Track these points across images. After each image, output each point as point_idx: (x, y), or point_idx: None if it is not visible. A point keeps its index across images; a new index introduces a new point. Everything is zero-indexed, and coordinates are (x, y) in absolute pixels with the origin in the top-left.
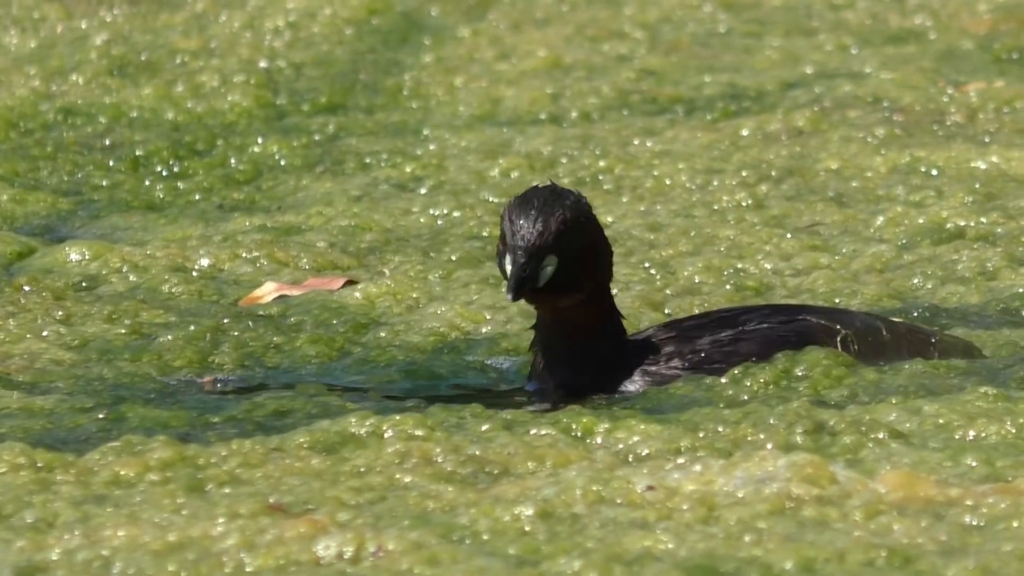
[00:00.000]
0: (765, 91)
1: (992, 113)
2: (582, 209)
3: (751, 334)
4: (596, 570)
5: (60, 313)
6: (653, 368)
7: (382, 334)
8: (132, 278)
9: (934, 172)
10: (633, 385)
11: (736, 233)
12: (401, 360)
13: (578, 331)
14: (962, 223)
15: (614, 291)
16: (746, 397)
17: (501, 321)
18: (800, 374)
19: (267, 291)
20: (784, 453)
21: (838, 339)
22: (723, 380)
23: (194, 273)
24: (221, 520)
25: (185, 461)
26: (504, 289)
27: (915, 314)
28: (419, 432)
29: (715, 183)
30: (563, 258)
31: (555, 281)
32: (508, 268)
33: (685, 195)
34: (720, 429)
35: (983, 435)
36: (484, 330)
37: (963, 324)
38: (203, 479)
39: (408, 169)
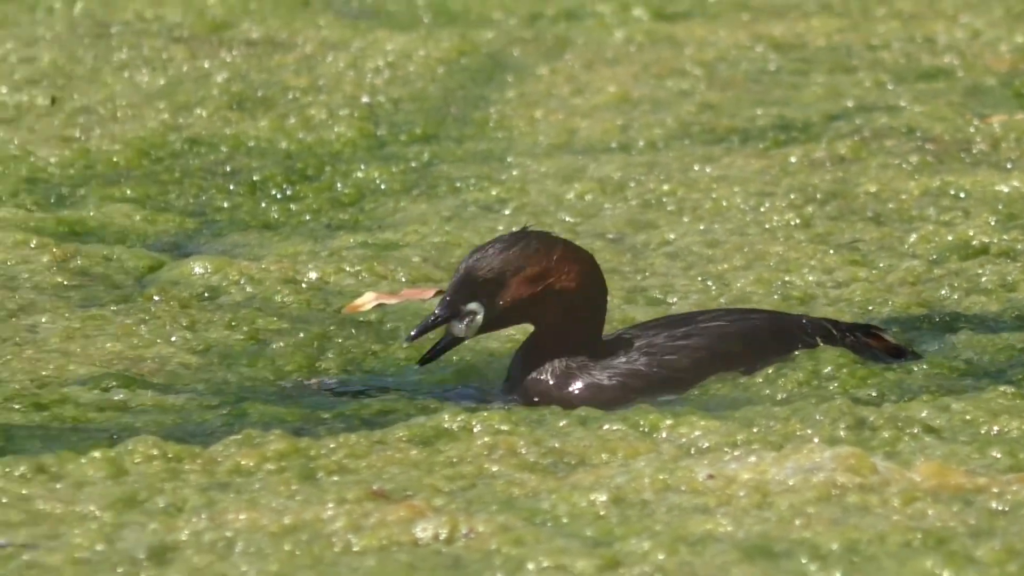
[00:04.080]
0: (811, 123)
1: (1014, 142)
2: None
3: (703, 330)
4: (663, 550)
5: (186, 321)
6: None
7: (469, 341)
8: (249, 289)
9: (962, 195)
10: (579, 385)
11: (784, 249)
12: (483, 362)
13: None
14: (986, 240)
15: (672, 300)
16: (783, 395)
17: None
18: (828, 373)
19: (367, 300)
20: (829, 446)
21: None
22: (758, 380)
23: (303, 284)
24: (330, 505)
25: (298, 452)
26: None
27: (936, 320)
28: (504, 427)
29: (766, 205)
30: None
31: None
32: None
33: (739, 215)
34: (771, 424)
35: (1006, 430)
36: None
37: (982, 331)
38: (314, 468)
39: (494, 192)
